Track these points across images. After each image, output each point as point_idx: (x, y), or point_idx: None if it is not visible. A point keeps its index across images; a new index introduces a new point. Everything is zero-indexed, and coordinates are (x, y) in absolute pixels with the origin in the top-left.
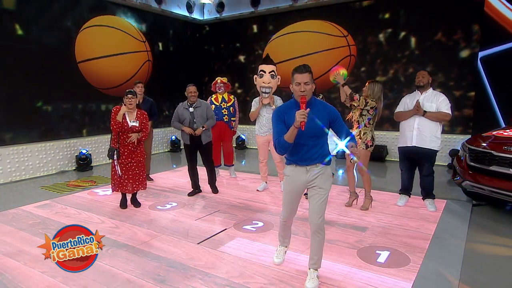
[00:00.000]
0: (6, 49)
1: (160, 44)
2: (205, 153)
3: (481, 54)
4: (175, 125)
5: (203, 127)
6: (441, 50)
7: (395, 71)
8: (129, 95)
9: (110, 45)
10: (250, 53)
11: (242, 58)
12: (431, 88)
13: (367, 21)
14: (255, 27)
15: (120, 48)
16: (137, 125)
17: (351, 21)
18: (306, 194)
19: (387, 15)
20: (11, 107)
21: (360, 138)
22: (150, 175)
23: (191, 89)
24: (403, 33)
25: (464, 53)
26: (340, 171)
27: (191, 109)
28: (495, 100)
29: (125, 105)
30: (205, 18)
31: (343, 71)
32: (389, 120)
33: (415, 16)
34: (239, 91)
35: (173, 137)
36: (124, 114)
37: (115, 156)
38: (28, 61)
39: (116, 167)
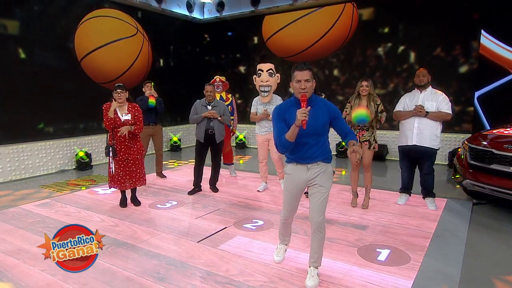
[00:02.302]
0: (9, 72)
1: (161, 61)
2: (216, 151)
3: (477, 94)
4: (193, 118)
5: (220, 116)
6: (441, 65)
7: (395, 85)
8: (118, 90)
9: (119, 64)
10: (250, 64)
11: (242, 68)
12: (430, 87)
13: (366, 34)
14: (255, 39)
15: (129, 59)
16: (130, 118)
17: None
18: (306, 192)
19: (386, 30)
20: (12, 129)
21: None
22: (162, 172)
23: (208, 88)
24: (402, 47)
25: (463, 69)
26: (344, 172)
27: (209, 107)
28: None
29: (115, 100)
30: (205, 17)
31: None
32: (389, 120)
33: (414, 31)
34: (239, 101)
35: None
36: (115, 110)
37: (110, 153)
38: (30, 84)
39: (111, 164)
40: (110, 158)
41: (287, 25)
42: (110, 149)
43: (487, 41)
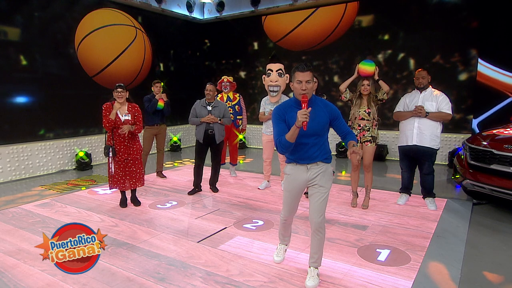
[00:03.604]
0: (10, 79)
1: (160, 62)
2: (215, 151)
3: (476, 121)
4: (192, 121)
5: (220, 119)
6: (440, 73)
7: (394, 91)
8: (118, 89)
9: (131, 69)
10: (251, 69)
11: (242, 74)
12: (430, 87)
13: (366, 41)
14: (256, 44)
15: (137, 64)
16: (130, 118)
17: (350, 40)
18: (306, 193)
19: (386, 37)
20: (13, 135)
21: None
22: (162, 172)
23: (209, 88)
24: (401, 55)
25: (463, 76)
26: (343, 172)
27: (209, 108)
28: None
29: (115, 100)
30: (205, 17)
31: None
32: (389, 120)
33: (414, 38)
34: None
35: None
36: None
37: (110, 153)
38: (30, 90)
39: (110, 164)
40: (110, 159)
41: (302, 23)
42: (110, 149)
43: (485, 68)
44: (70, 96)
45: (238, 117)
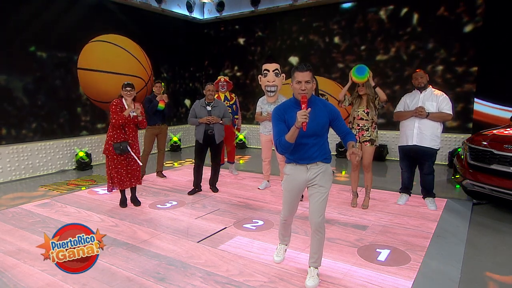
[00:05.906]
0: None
1: (160, 62)
2: (215, 151)
3: None
4: (192, 121)
5: (221, 119)
6: (444, 26)
7: (396, 49)
8: (127, 88)
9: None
10: (253, 72)
11: (242, 76)
12: (430, 87)
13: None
14: (258, 48)
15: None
16: (136, 114)
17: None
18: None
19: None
20: (13, 135)
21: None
22: (162, 172)
23: (209, 88)
24: (405, 10)
25: (468, 28)
26: (343, 172)
27: (208, 108)
28: None
29: (122, 97)
30: (205, 17)
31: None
32: (389, 120)
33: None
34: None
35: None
36: (124, 106)
37: (128, 148)
38: (31, 91)
39: (134, 155)
40: (131, 152)
41: None
42: (127, 144)
43: (481, 106)
44: (71, 97)
45: (235, 116)
